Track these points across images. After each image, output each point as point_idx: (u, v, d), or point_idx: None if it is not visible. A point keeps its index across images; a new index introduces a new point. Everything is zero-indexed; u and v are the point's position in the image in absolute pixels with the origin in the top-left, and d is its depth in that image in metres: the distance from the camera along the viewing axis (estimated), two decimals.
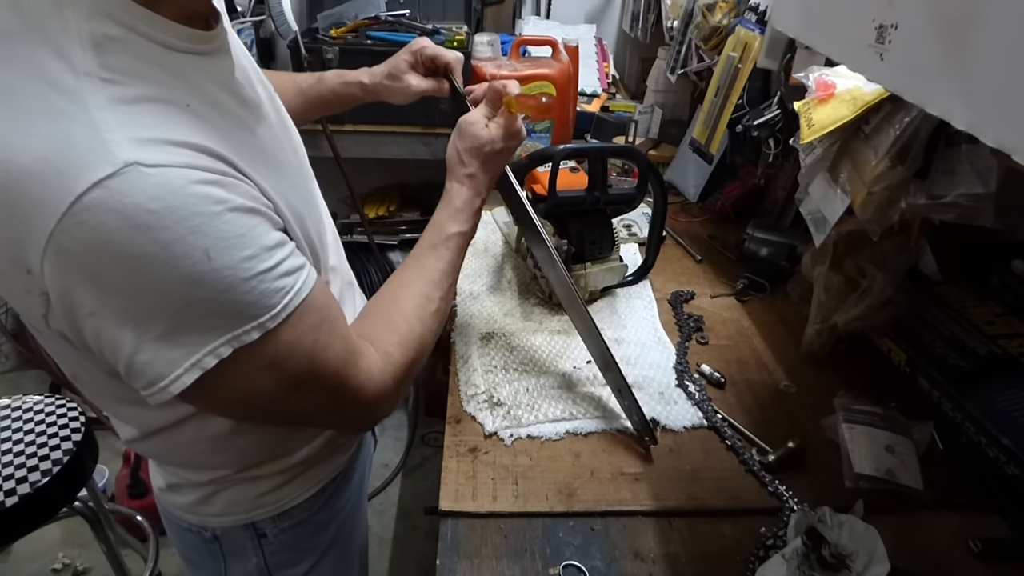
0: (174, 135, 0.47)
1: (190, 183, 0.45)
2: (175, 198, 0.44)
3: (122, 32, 0.47)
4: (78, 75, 0.45)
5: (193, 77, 0.52)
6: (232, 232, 0.47)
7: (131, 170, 0.43)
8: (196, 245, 0.45)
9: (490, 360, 0.98)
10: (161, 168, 0.44)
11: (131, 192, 0.43)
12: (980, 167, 0.74)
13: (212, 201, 0.46)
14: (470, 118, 0.78)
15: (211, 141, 0.49)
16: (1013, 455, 0.77)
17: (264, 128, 0.62)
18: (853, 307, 0.96)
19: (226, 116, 0.55)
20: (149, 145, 0.45)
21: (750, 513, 0.76)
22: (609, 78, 2.10)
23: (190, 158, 0.47)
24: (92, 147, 0.43)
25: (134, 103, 0.46)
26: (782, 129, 1.14)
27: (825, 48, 0.71)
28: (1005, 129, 0.42)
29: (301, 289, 0.52)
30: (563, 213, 1.07)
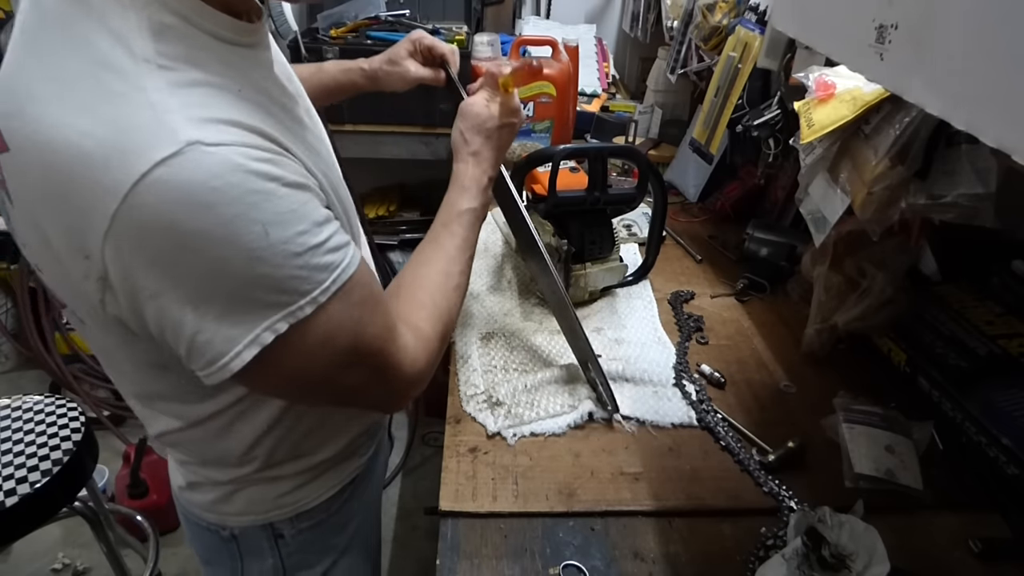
0: (229, 115, 0.48)
1: (248, 160, 0.46)
2: (235, 175, 0.45)
3: (177, 21, 0.48)
4: (136, 61, 0.45)
5: (241, 66, 0.54)
6: (286, 207, 0.48)
7: (193, 149, 0.44)
8: (255, 220, 0.46)
9: (490, 360, 0.98)
10: (221, 147, 0.45)
11: (194, 170, 0.44)
12: (980, 167, 0.74)
13: (268, 178, 0.47)
14: (470, 100, 0.82)
15: (261, 122, 0.51)
16: (1013, 455, 0.77)
17: (303, 118, 0.63)
18: (853, 307, 0.96)
19: (272, 103, 0.56)
20: (208, 124, 0.46)
21: (750, 513, 0.76)
22: (609, 78, 2.10)
23: (245, 137, 0.48)
24: (153, 128, 0.44)
25: (191, 86, 0.47)
26: (782, 129, 1.14)
27: (825, 48, 0.71)
28: (1005, 129, 0.42)
29: (348, 265, 0.53)
30: (563, 213, 1.07)
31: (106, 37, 0.46)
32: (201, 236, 0.44)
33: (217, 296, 0.47)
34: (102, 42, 0.46)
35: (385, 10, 1.87)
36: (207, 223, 0.44)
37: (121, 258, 0.45)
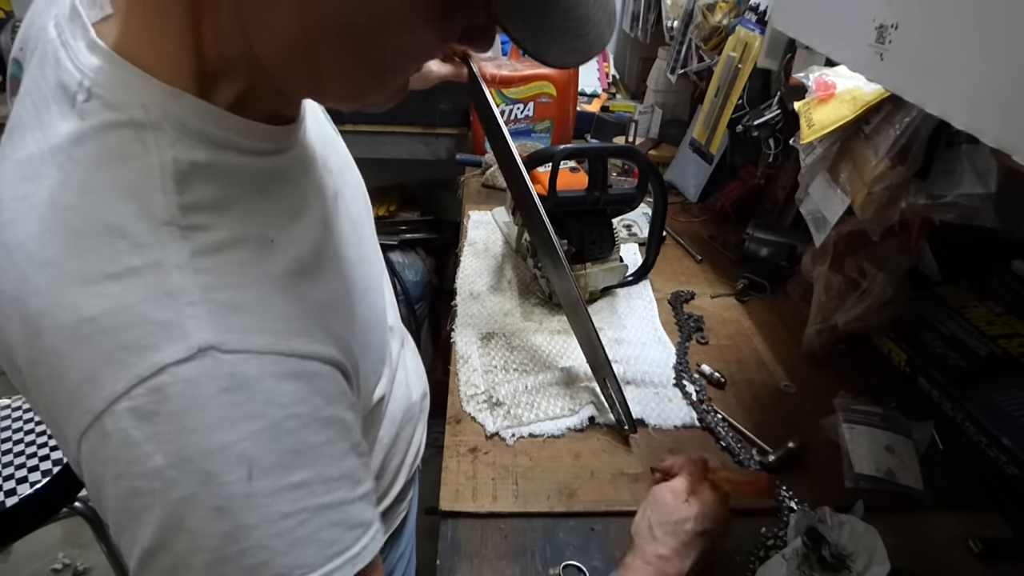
0: (263, 301, 0.40)
1: (267, 376, 0.38)
2: (243, 393, 0.37)
3: (211, 154, 0.41)
4: (156, 225, 0.38)
5: (280, 185, 0.46)
6: (291, 448, 0.39)
7: (205, 356, 0.36)
8: (243, 457, 0.37)
9: (490, 360, 0.98)
10: (240, 355, 0.38)
11: (197, 383, 0.36)
12: (980, 167, 0.74)
13: (285, 402, 0.39)
14: (671, 489, 0.66)
15: (300, 298, 0.43)
16: (1013, 455, 0.77)
17: (343, 210, 0.55)
18: (853, 307, 0.96)
19: (312, 226, 0.48)
20: (232, 320, 0.38)
21: (750, 513, 0.76)
22: (609, 78, 2.10)
23: (274, 339, 0.39)
24: (167, 322, 0.37)
25: (220, 253, 0.40)
26: (782, 129, 1.14)
27: (825, 48, 0.71)
28: (1005, 129, 0.42)
29: (359, 556, 0.41)
30: (563, 213, 1.07)
31: (120, 190, 0.38)
32: (172, 467, 0.36)
33: (164, 551, 0.37)
34: (114, 195, 0.38)
35: None
36: (185, 451, 0.36)
37: (93, 462, 0.37)
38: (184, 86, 0.40)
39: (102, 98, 0.38)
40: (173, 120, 0.39)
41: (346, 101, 0.47)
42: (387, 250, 2.20)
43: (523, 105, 1.63)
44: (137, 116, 0.39)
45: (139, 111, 0.39)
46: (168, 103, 0.39)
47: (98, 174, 0.38)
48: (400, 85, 0.47)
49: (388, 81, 0.46)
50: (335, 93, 0.46)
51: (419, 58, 0.45)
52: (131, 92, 0.39)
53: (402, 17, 0.39)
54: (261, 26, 0.39)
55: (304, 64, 0.41)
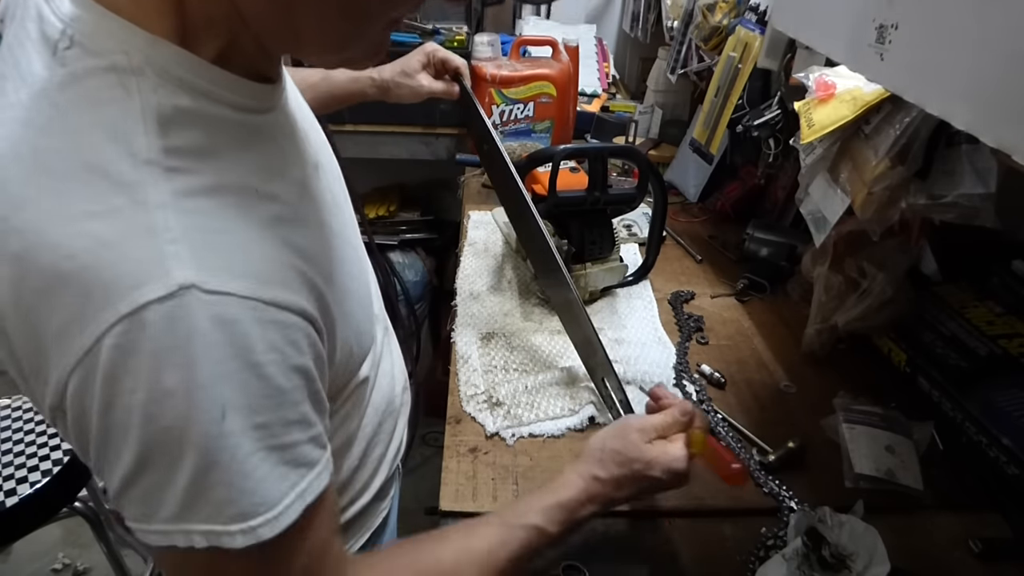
0: (244, 245, 0.41)
1: (247, 320, 0.39)
2: (222, 334, 0.38)
3: (193, 101, 0.41)
4: (138, 163, 0.38)
5: (262, 143, 0.47)
6: (261, 392, 0.40)
7: (187, 294, 0.37)
8: (218, 397, 0.38)
9: (490, 360, 0.98)
10: (221, 296, 0.38)
11: (179, 320, 0.37)
12: (980, 167, 0.74)
13: (260, 349, 0.40)
14: (641, 423, 0.65)
15: (280, 243, 0.44)
16: (1013, 455, 0.77)
17: (324, 181, 0.56)
18: (853, 307, 0.96)
19: (292, 186, 0.49)
20: (214, 260, 0.39)
21: (750, 513, 0.76)
22: (609, 78, 2.10)
23: (256, 285, 0.40)
24: (148, 259, 0.37)
25: (202, 196, 0.40)
26: (782, 129, 1.14)
27: (825, 48, 0.71)
28: (1005, 129, 0.42)
29: (307, 491, 0.44)
30: (563, 213, 1.07)
31: (102, 133, 0.38)
32: (155, 400, 0.37)
33: (149, 471, 0.39)
34: (97, 138, 0.38)
35: None
36: (167, 385, 0.37)
37: (81, 397, 0.38)
38: (166, 36, 0.40)
39: (83, 45, 0.39)
40: (155, 66, 0.40)
41: (326, 52, 0.48)
42: (387, 250, 2.20)
43: (523, 105, 1.63)
44: (119, 61, 0.39)
45: (121, 57, 0.39)
46: (150, 50, 0.40)
47: (79, 117, 0.38)
48: (380, 41, 0.47)
49: (369, 30, 0.45)
50: (315, 43, 0.46)
51: (401, 4, 0.45)
52: (112, 39, 0.39)
53: None
54: None
55: (285, 12, 0.42)
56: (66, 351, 0.37)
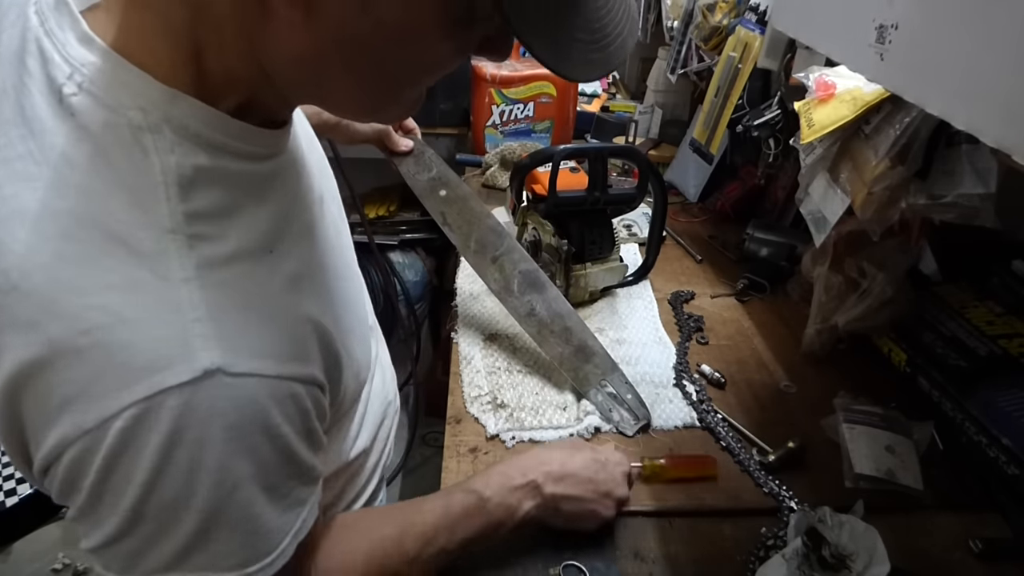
0: (264, 319, 0.40)
1: (266, 397, 0.39)
2: (243, 415, 0.38)
3: (210, 159, 0.39)
4: (161, 233, 0.36)
5: (275, 191, 0.45)
6: (274, 460, 0.41)
7: (212, 379, 0.36)
8: (230, 474, 0.38)
9: (493, 361, 0.97)
10: (245, 379, 0.38)
11: (201, 405, 0.36)
12: (980, 167, 0.74)
13: (277, 423, 0.40)
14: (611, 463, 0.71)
15: (296, 308, 0.43)
16: (1013, 455, 0.77)
17: (328, 216, 0.56)
18: (853, 307, 0.96)
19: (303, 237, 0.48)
20: (238, 340, 0.38)
21: (750, 513, 0.76)
22: (609, 78, 2.10)
23: (275, 364, 0.40)
24: (172, 339, 0.35)
25: (224, 267, 0.39)
26: (782, 129, 1.14)
27: (825, 48, 0.71)
28: (1005, 129, 0.42)
29: (301, 528, 0.45)
30: (563, 213, 1.07)
31: (122, 198, 0.36)
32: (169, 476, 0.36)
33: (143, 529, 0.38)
34: (115, 202, 0.36)
35: None
36: (181, 462, 0.36)
37: (71, 471, 0.36)
38: (183, 88, 0.38)
39: (95, 96, 0.36)
40: (173, 123, 0.38)
41: (361, 115, 0.46)
42: (387, 250, 2.20)
43: (523, 105, 1.63)
44: (135, 118, 0.37)
45: (137, 113, 0.37)
46: (168, 106, 0.38)
47: (95, 177, 0.36)
48: (416, 97, 0.46)
49: (403, 95, 0.44)
50: (349, 107, 0.46)
51: (435, 71, 0.43)
52: (127, 92, 0.37)
53: (414, 29, 0.37)
54: (266, 38, 0.38)
55: (316, 78, 0.40)
56: (68, 425, 0.35)
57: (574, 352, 0.92)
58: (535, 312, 0.94)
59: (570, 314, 0.95)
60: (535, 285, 0.96)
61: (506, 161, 1.57)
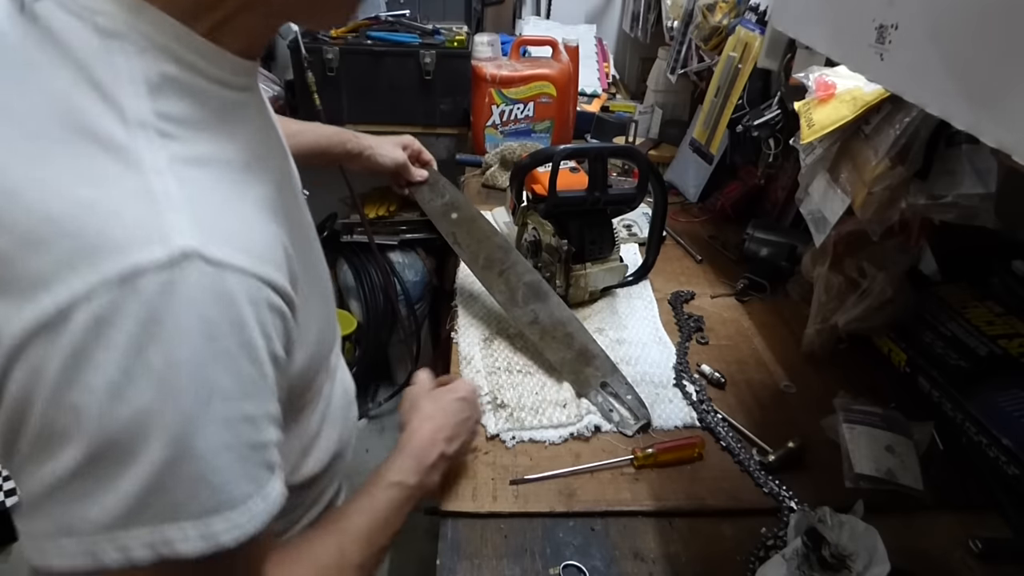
0: (243, 219, 0.39)
1: (244, 298, 0.36)
2: (221, 309, 0.35)
3: (180, 71, 0.38)
4: (129, 125, 0.35)
5: (244, 121, 0.44)
6: (251, 378, 0.37)
7: (189, 263, 0.33)
8: (207, 379, 0.35)
9: (493, 361, 0.98)
10: (223, 269, 0.35)
11: (177, 291, 0.33)
12: (980, 167, 0.74)
13: (256, 331, 0.37)
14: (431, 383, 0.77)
15: (273, 223, 0.41)
16: (1013, 455, 0.77)
17: (293, 171, 0.56)
18: (853, 307, 0.96)
19: (275, 172, 0.47)
20: (216, 230, 0.36)
21: (750, 513, 0.76)
22: (609, 78, 2.10)
23: (256, 262, 0.38)
24: (146, 222, 0.33)
25: (197, 167, 0.37)
26: (782, 129, 1.14)
27: (825, 48, 0.71)
28: (1005, 129, 0.42)
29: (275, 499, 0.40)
30: (563, 213, 1.07)
31: (89, 93, 0.35)
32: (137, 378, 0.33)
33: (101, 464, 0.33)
34: (83, 99, 0.35)
35: (385, 10, 1.87)
36: (151, 363, 0.33)
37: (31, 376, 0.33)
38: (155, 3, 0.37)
39: (60, 2, 0.36)
40: (140, 31, 0.37)
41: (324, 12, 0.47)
42: (387, 250, 2.20)
43: (523, 105, 1.63)
44: (102, 23, 0.36)
45: (102, 19, 0.36)
46: (134, 17, 0.37)
47: (60, 75, 0.35)
48: None
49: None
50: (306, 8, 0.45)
51: None
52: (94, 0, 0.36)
53: None
54: None
55: None
56: (24, 319, 0.32)
57: (575, 356, 0.94)
58: (538, 320, 0.97)
59: (571, 320, 0.98)
60: (538, 295, 1.00)
61: (506, 161, 1.57)
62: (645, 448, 0.81)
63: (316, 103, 1.74)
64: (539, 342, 0.96)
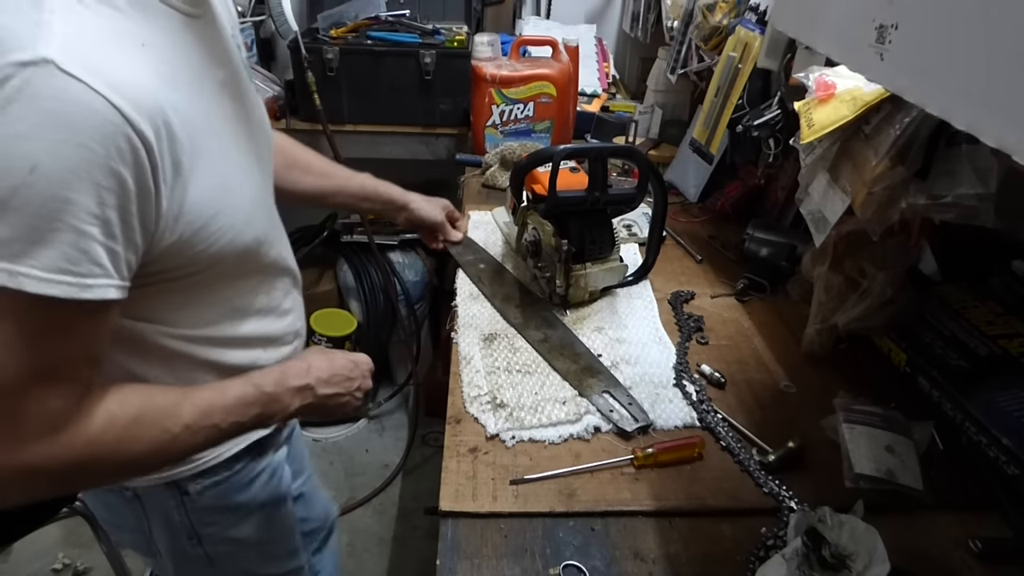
0: (114, 58, 0.49)
1: (86, 107, 0.46)
2: (61, 105, 0.45)
3: None
4: None
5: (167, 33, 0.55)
6: (74, 168, 0.46)
7: (45, 66, 0.44)
8: (31, 153, 0.45)
9: (493, 361, 0.98)
10: (72, 80, 0.45)
11: (29, 82, 0.44)
12: (980, 167, 0.74)
13: (89, 135, 0.46)
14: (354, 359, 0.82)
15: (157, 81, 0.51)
16: (1013, 455, 0.77)
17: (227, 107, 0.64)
18: (853, 307, 0.96)
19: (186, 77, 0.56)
20: (79, 52, 0.46)
21: (750, 513, 0.76)
22: (609, 78, 2.10)
23: (109, 90, 0.47)
24: (26, 37, 0.45)
25: (92, 14, 0.48)
26: (782, 129, 1.14)
27: (825, 48, 0.71)
28: (1005, 129, 0.42)
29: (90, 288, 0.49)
30: (563, 213, 1.07)
31: None
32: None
33: None
34: None
35: (385, 10, 1.87)
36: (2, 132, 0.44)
37: None
38: None
39: None
40: None
41: None
42: (387, 250, 2.20)
43: (523, 105, 1.63)
44: None
45: None
46: None
47: None
48: None
49: None
50: None
51: None
52: None
53: None
54: None
55: None
56: None
57: (580, 369, 0.96)
58: (548, 340, 1.03)
59: (577, 342, 1.02)
60: (551, 324, 1.07)
61: (506, 161, 1.57)
62: (645, 448, 0.81)
63: (316, 103, 1.74)
64: (547, 355, 0.99)
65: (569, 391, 0.92)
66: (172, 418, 0.60)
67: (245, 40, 1.87)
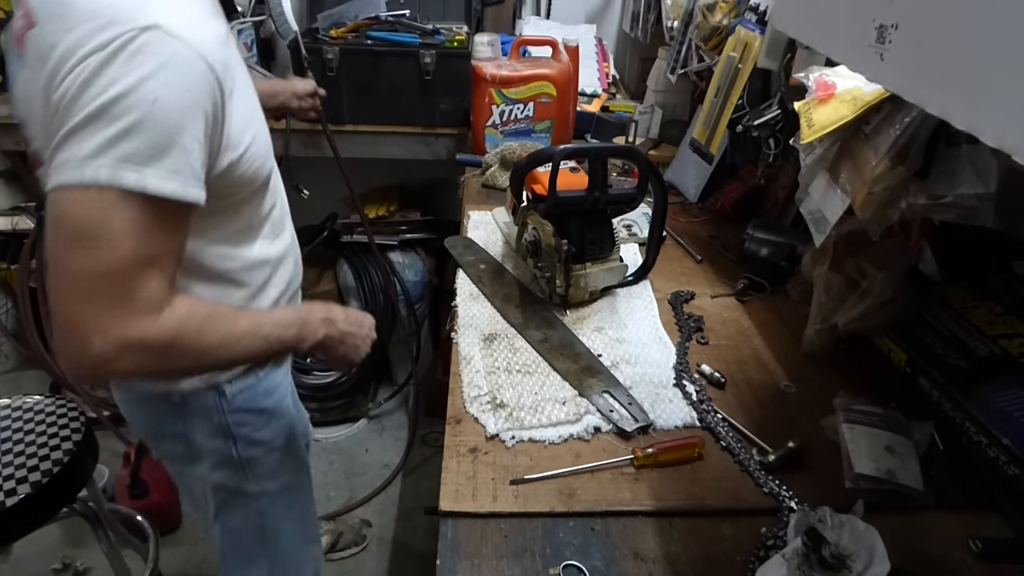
0: (202, 27, 0.64)
1: (187, 60, 0.62)
2: (173, 57, 0.60)
3: None
4: None
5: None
6: (184, 103, 0.62)
7: (156, 30, 0.60)
8: (151, 91, 0.59)
9: (493, 361, 0.98)
10: (176, 39, 0.61)
11: (152, 42, 0.59)
12: (980, 167, 0.74)
13: (191, 80, 0.62)
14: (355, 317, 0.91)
15: (219, 40, 0.66)
16: (1013, 455, 0.77)
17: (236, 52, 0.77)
18: (853, 307, 0.96)
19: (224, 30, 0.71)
20: (179, 20, 0.62)
21: (750, 513, 0.76)
22: (609, 78, 2.10)
23: (204, 47, 0.63)
24: (136, 10, 0.60)
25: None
26: (782, 129, 1.14)
27: (825, 48, 0.71)
28: (1005, 129, 0.42)
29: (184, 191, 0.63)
30: (563, 213, 1.07)
31: None
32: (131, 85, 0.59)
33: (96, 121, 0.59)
34: None
35: (385, 10, 1.87)
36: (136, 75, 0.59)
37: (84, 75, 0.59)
38: None
39: None
40: None
41: None
42: (387, 250, 2.20)
43: (523, 105, 1.63)
44: None
45: None
46: None
47: None
48: None
49: None
50: None
51: None
52: None
53: None
54: None
55: None
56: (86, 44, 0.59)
57: (581, 369, 0.95)
58: (548, 340, 1.03)
59: (577, 342, 1.02)
60: (551, 324, 1.06)
61: (506, 161, 1.57)
62: (645, 448, 0.81)
63: None
64: (547, 355, 0.99)
65: (569, 391, 0.92)
66: (235, 323, 0.74)
67: (245, 40, 1.87)
